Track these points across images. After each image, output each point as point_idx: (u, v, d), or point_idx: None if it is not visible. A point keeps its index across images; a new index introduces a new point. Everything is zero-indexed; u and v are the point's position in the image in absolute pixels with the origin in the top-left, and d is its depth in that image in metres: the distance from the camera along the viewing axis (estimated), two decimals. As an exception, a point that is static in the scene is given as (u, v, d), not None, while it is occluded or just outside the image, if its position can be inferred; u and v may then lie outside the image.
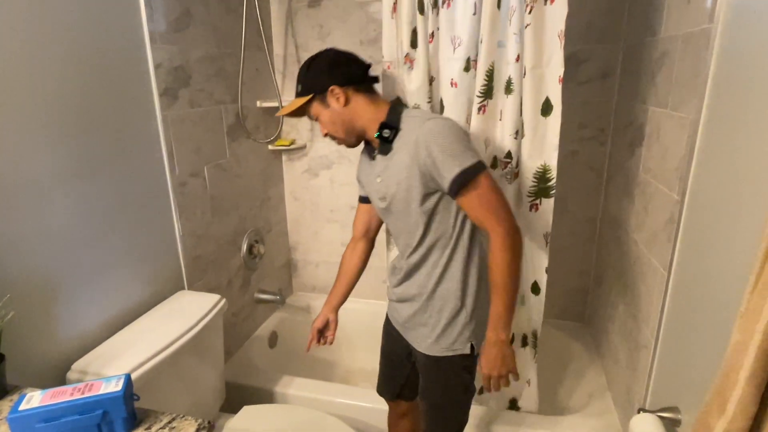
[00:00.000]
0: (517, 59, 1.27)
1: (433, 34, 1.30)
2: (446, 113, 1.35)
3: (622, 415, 1.52)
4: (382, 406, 1.51)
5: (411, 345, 1.25)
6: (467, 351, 1.16)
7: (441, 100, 1.34)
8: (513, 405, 1.64)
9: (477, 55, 1.28)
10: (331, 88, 1.09)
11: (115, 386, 0.82)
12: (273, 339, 2.17)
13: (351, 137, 1.15)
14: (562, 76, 1.24)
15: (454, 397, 1.22)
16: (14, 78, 1.01)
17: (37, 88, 1.06)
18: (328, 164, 2.19)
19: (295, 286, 2.46)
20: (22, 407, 0.77)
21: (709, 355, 0.97)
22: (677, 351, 1.14)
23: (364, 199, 1.34)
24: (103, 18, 1.22)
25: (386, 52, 1.37)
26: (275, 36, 2.07)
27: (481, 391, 1.64)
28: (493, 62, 1.28)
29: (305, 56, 2.07)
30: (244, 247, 1.96)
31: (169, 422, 0.86)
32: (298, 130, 2.18)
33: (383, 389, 1.45)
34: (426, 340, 1.18)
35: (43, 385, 1.07)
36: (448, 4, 1.27)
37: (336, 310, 1.40)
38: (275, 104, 1.98)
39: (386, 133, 1.09)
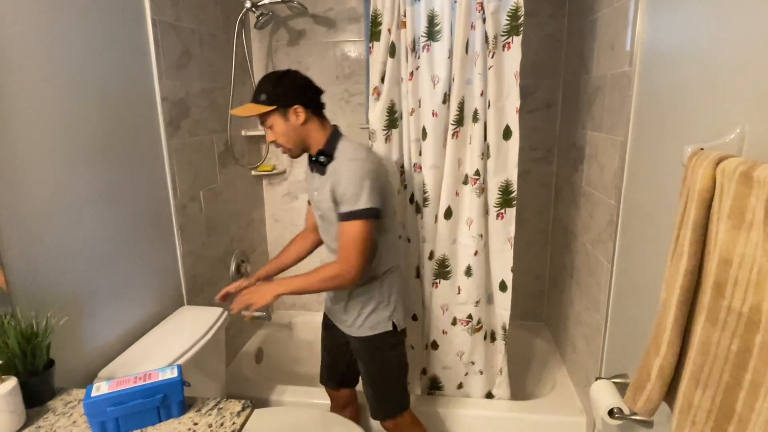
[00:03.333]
0: (482, 94, 1.53)
1: (412, 74, 1.54)
2: (428, 139, 1.59)
3: (582, 395, 1.76)
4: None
5: (345, 333, 1.47)
6: (390, 328, 1.41)
7: (423, 127, 1.58)
8: (488, 395, 1.85)
9: (450, 90, 1.53)
10: (296, 106, 1.27)
11: (171, 374, 0.95)
12: (259, 355, 2.27)
13: (297, 150, 1.34)
14: (518, 107, 1.51)
15: (388, 373, 1.45)
16: (55, 115, 1.14)
17: (71, 122, 1.19)
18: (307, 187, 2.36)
19: (276, 304, 2.58)
20: (93, 394, 0.89)
21: (648, 326, 1.22)
22: (623, 328, 1.39)
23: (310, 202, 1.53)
24: (122, 60, 1.37)
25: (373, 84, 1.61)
26: (256, 71, 2.25)
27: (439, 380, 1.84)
28: (463, 96, 1.54)
29: (285, 89, 2.26)
30: (233, 267, 2.08)
31: (216, 405, 1.00)
32: (278, 156, 2.35)
33: (326, 379, 1.65)
34: (355, 325, 1.42)
35: (75, 391, 1.16)
36: (428, 49, 1.52)
37: (259, 280, 1.57)
38: (260, 133, 2.15)
39: (322, 159, 1.32)
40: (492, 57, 1.47)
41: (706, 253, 0.80)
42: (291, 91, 1.28)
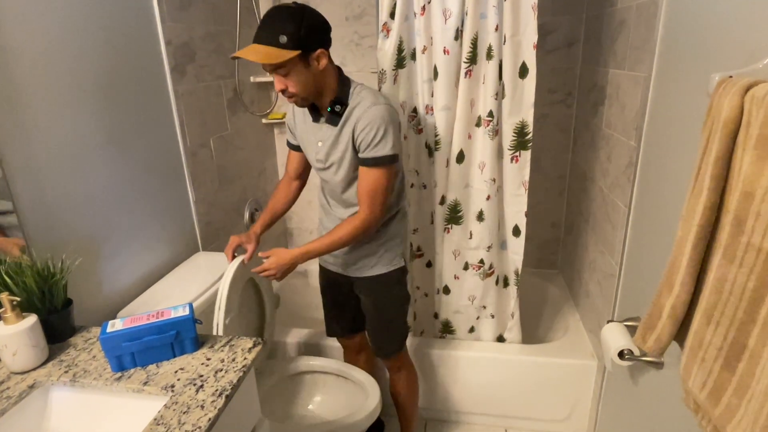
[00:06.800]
0: (496, 29, 1.45)
1: (424, 8, 1.46)
2: (440, 78, 1.52)
3: (594, 339, 1.77)
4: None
5: (353, 277, 1.46)
6: (402, 264, 1.45)
7: (435, 66, 1.51)
8: (500, 338, 1.87)
9: (463, 25, 1.45)
10: (319, 50, 1.13)
11: (183, 311, 0.98)
12: (276, 301, 2.32)
13: (310, 99, 1.23)
14: (536, 42, 1.42)
15: (399, 308, 1.50)
16: (60, 60, 1.12)
17: (76, 67, 1.17)
18: (319, 135, 2.33)
19: (291, 252, 2.61)
20: (108, 330, 0.92)
21: (663, 269, 1.19)
22: (637, 272, 1.37)
23: (295, 147, 1.46)
24: (123, 1, 1.32)
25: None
26: (263, 13, 2.16)
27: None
28: (476, 32, 1.45)
29: (293, 32, 2.18)
30: (246, 215, 2.10)
31: (228, 342, 1.03)
32: (289, 104, 2.30)
33: (337, 330, 1.65)
34: (369, 265, 1.42)
35: (96, 330, 1.21)
36: (439, -20, 1.43)
37: (258, 236, 1.46)
38: (269, 79, 2.09)
39: (338, 108, 1.23)
40: (508, -13, 1.37)
41: (727, 189, 0.76)
42: (314, 32, 1.12)
